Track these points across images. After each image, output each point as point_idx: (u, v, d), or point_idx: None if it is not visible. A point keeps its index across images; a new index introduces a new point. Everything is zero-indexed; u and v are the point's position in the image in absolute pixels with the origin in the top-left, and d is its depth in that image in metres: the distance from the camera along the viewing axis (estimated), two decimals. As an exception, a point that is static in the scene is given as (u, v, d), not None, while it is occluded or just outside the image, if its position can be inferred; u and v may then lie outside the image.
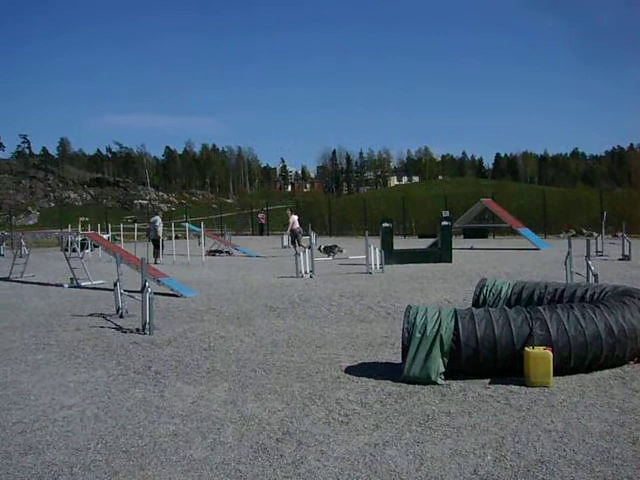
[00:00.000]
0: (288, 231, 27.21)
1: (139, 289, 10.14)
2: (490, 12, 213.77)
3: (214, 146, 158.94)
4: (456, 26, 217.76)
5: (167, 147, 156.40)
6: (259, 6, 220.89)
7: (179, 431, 5.27)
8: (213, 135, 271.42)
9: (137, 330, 9.77)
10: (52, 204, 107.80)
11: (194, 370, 7.37)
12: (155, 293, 10.49)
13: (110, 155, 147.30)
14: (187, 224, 32.39)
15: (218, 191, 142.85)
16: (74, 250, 18.87)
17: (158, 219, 25.53)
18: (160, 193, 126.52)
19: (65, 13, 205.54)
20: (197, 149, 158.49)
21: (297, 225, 25.95)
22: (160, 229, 25.10)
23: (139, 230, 28.94)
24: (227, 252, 28.23)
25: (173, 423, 5.48)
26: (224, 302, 12.67)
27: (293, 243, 25.95)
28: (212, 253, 27.51)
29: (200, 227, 27.54)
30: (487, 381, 6.41)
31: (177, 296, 13.46)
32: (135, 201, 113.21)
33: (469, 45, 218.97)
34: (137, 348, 8.67)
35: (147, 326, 9.62)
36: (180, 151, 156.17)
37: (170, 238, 26.05)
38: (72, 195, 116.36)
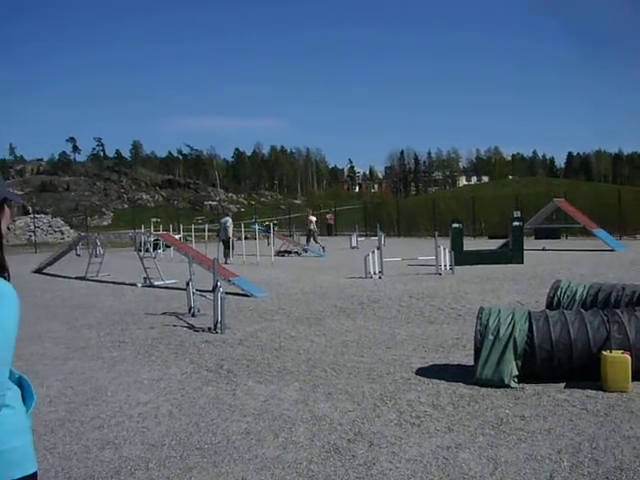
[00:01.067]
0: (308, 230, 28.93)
1: (210, 289, 10.31)
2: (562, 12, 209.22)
3: (282, 147, 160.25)
4: (525, 27, 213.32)
5: (236, 149, 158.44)
6: (331, 2, 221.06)
7: (251, 429, 5.33)
8: (281, 136, 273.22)
9: (209, 329, 9.93)
10: (125, 205, 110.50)
11: (265, 369, 7.44)
12: (226, 293, 10.65)
13: (181, 157, 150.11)
14: (256, 225, 32.72)
15: (286, 192, 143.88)
16: (147, 250, 19.31)
17: (229, 220, 25.85)
18: (229, 194, 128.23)
19: (138, 18, 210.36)
20: (266, 150, 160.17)
21: (313, 226, 27.85)
22: (230, 229, 25.40)
23: (209, 231, 29.36)
24: (296, 252, 28.40)
25: (245, 421, 5.54)
26: (294, 302, 12.75)
27: (308, 240, 27.69)
28: (281, 253, 27.72)
29: (269, 228, 27.81)
30: (562, 385, 6.27)
31: (247, 296, 13.61)
32: (205, 202, 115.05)
33: (537, 44, 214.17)
34: (209, 347, 8.81)
35: (219, 325, 9.76)
36: (249, 153, 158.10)
37: (239, 239, 26.32)
38: (144, 196, 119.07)
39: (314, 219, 27.38)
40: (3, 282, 1.97)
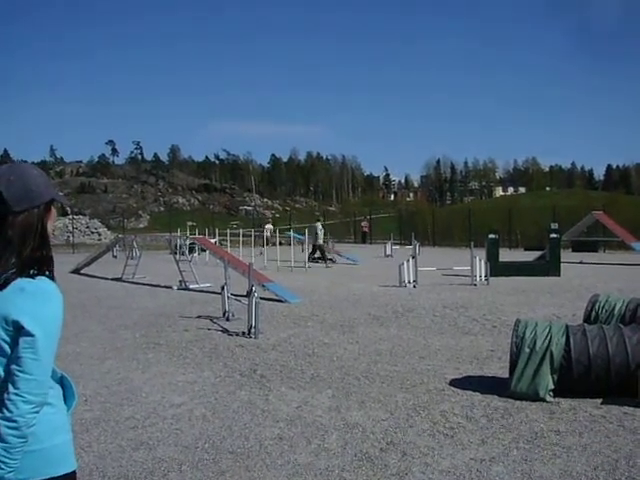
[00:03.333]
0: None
1: (245, 293, 10.36)
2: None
3: (318, 154, 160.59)
4: (563, 41, 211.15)
5: (272, 155, 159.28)
6: (367, 11, 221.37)
7: (284, 435, 5.34)
8: (318, 143, 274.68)
9: (243, 333, 9.97)
10: (161, 208, 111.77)
11: (298, 375, 7.46)
12: (260, 298, 10.69)
13: (217, 162, 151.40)
14: (291, 232, 32.82)
15: (322, 199, 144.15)
16: (183, 253, 19.49)
17: (319, 225, 25.77)
18: (265, 200, 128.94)
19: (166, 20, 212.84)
20: (302, 157, 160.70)
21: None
22: (321, 235, 25.35)
23: (244, 235, 29.50)
24: (331, 259, 28.39)
25: (278, 427, 5.56)
26: (327, 309, 12.75)
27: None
28: (315, 260, 27.74)
29: (304, 235, 27.86)
30: (599, 401, 6.17)
31: (281, 301, 13.65)
32: (240, 207, 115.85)
33: (576, 55, 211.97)
34: (243, 351, 8.85)
35: (253, 330, 9.80)
36: (285, 159, 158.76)
37: (281, 244, 26.48)
38: (180, 200, 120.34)
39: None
40: (49, 281, 2.01)
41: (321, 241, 25.20)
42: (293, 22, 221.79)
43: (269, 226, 41.63)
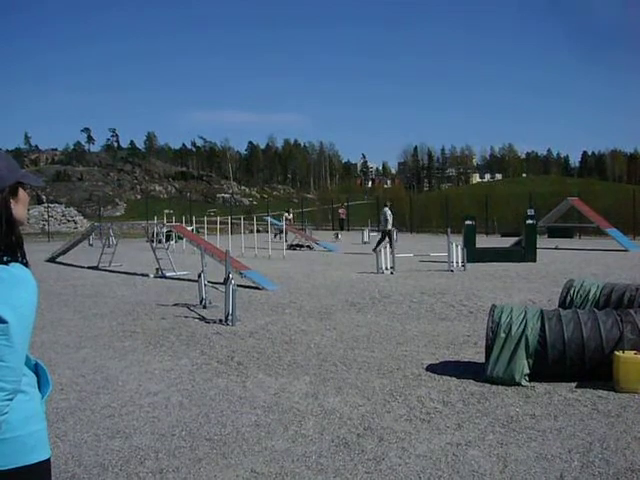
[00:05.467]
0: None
1: (222, 281, 10.32)
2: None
3: (296, 141, 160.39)
4: (541, 28, 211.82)
5: (250, 142, 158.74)
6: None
7: (261, 422, 5.34)
8: (295, 131, 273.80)
9: (220, 321, 9.95)
10: (138, 196, 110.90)
11: (276, 362, 7.45)
12: (238, 285, 10.66)
13: (195, 149, 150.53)
14: (269, 218, 32.73)
15: (299, 186, 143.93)
16: (159, 241, 19.38)
17: (388, 210, 24.71)
18: (242, 187, 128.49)
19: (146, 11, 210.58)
20: (279, 144, 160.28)
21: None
22: (390, 220, 24.16)
23: (221, 223, 29.37)
24: (308, 246, 28.41)
25: (255, 414, 5.55)
26: (305, 296, 12.75)
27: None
28: (293, 247, 27.74)
29: (281, 221, 27.81)
30: (574, 385, 6.24)
31: (259, 289, 13.63)
32: (218, 195, 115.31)
33: (553, 43, 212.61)
34: (220, 339, 8.83)
35: (230, 317, 9.78)
36: (263, 146, 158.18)
37: (251, 232, 26.37)
38: (157, 188, 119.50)
39: (290, 216, 26.93)
40: (22, 268, 1.97)
41: (390, 226, 24.18)
42: (269, 10, 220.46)
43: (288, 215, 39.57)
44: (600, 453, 4.57)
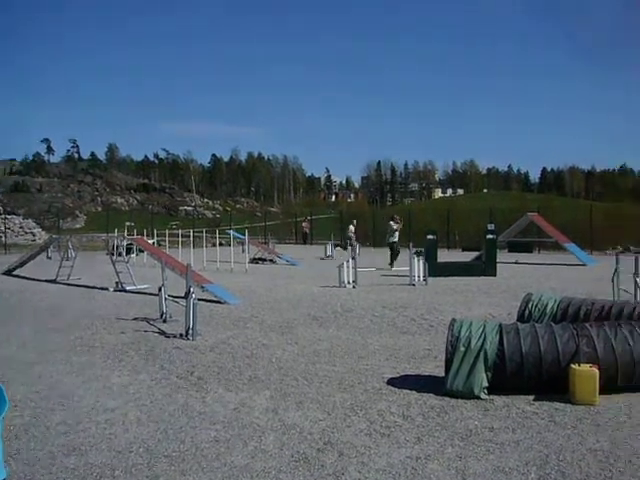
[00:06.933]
0: None
1: (183, 294, 10.24)
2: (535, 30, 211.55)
3: (260, 154, 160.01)
4: (503, 40, 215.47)
5: (213, 154, 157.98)
6: (301, 13, 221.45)
7: (220, 437, 5.29)
8: (259, 144, 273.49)
9: (180, 335, 9.85)
10: (99, 208, 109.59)
11: (236, 377, 7.40)
12: (199, 299, 10.59)
13: (157, 161, 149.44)
14: (231, 231, 32.60)
15: (263, 199, 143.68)
16: (120, 254, 19.15)
17: (392, 224, 24.40)
18: (205, 200, 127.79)
19: (115, 16, 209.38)
20: (243, 157, 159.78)
21: None
22: (397, 234, 23.98)
23: (184, 236, 29.17)
24: (271, 260, 28.34)
25: (215, 429, 5.50)
26: (267, 310, 12.70)
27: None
28: (256, 261, 27.64)
29: (244, 235, 27.71)
30: (531, 397, 6.31)
31: (221, 303, 13.55)
32: (180, 207, 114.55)
33: (515, 59, 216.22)
34: (180, 353, 8.74)
35: (190, 332, 9.69)
36: (226, 159, 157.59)
37: (214, 245, 26.22)
38: (119, 200, 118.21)
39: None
40: None
41: (396, 239, 23.79)
42: (233, 23, 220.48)
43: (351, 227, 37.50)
44: (556, 465, 4.62)
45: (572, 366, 6.13)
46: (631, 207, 52.89)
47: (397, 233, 24.02)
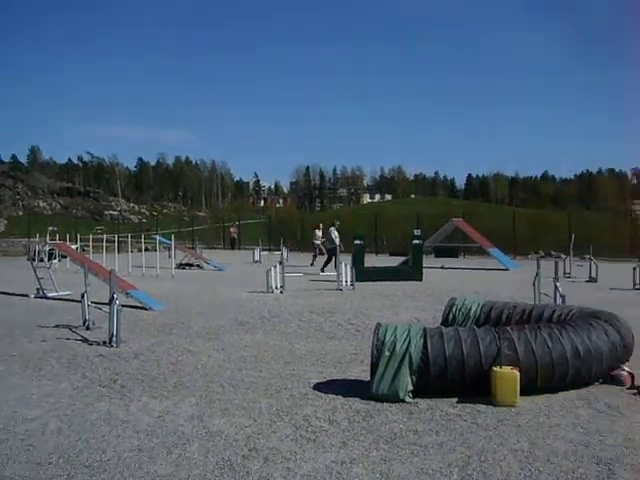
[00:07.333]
0: None
1: (107, 301, 10.03)
2: (468, 35, 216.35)
3: (187, 158, 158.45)
4: (436, 42, 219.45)
5: (140, 158, 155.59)
6: (236, 18, 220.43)
7: (144, 446, 5.19)
8: (187, 148, 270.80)
9: (104, 342, 9.64)
10: (20, 212, 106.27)
11: (161, 384, 7.29)
12: (123, 305, 10.39)
13: (81, 164, 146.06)
14: (157, 236, 32.13)
15: (190, 204, 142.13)
16: (41, 260, 18.63)
17: (334, 231, 24.45)
18: (131, 204, 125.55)
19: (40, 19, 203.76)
20: (170, 161, 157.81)
21: None
22: (337, 240, 23.68)
23: (108, 241, 28.59)
24: (198, 265, 28.06)
25: (138, 438, 5.40)
26: (193, 316, 12.56)
27: None
28: (182, 266, 27.31)
29: (171, 240, 27.36)
30: (455, 400, 6.43)
31: (146, 309, 13.33)
32: (106, 212, 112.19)
33: (442, 62, 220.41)
34: (103, 361, 8.55)
35: (114, 339, 9.50)
36: (153, 163, 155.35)
37: (140, 250, 25.80)
38: (41, 204, 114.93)
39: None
40: None
41: (336, 245, 23.08)
42: (159, 22, 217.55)
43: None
44: (478, 466, 4.71)
45: (494, 368, 6.28)
46: (552, 213, 54.86)
47: (338, 239, 23.98)
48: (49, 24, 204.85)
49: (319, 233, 27.58)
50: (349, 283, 17.68)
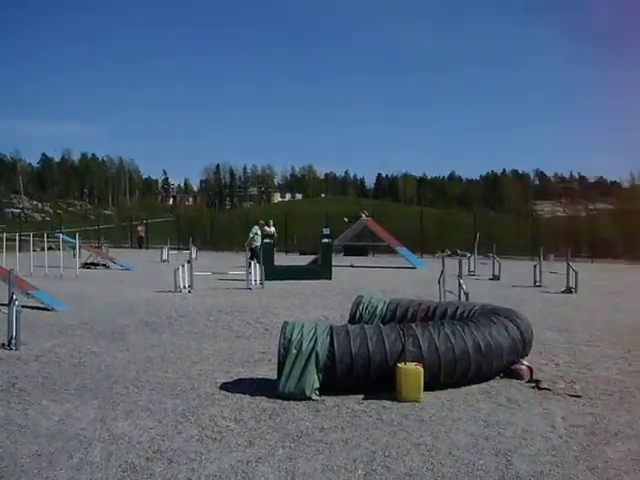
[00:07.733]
0: None
1: (5, 302, 9.65)
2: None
3: (94, 155, 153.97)
4: (347, 41, 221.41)
5: (43, 154, 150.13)
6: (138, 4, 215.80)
7: (43, 451, 5.03)
8: (93, 144, 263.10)
9: (2, 345, 9.27)
10: None
11: (62, 387, 7.07)
12: (24, 306, 10.05)
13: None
14: (61, 235, 31.17)
15: (97, 202, 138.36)
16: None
17: (257, 229, 24.09)
18: (34, 202, 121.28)
19: None
20: (76, 157, 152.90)
21: None
22: (257, 238, 23.27)
23: (8, 240, 27.48)
24: (104, 265, 27.38)
25: (37, 443, 5.22)
26: (97, 316, 12.26)
27: None
28: (88, 266, 26.59)
29: (75, 239, 26.62)
30: (361, 397, 6.52)
31: (48, 310, 12.92)
32: (7, 209, 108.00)
33: (347, 62, 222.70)
34: (1, 364, 8.23)
35: (13, 341, 9.16)
36: (58, 159, 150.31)
37: (43, 249, 24.97)
38: None
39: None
40: None
41: (257, 244, 22.89)
42: (69, 14, 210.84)
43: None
44: (382, 461, 4.79)
45: (399, 365, 6.40)
46: (459, 213, 56.40)
47: (259, 238, 23.80)
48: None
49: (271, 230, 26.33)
50: (258, 282, 17.64)
